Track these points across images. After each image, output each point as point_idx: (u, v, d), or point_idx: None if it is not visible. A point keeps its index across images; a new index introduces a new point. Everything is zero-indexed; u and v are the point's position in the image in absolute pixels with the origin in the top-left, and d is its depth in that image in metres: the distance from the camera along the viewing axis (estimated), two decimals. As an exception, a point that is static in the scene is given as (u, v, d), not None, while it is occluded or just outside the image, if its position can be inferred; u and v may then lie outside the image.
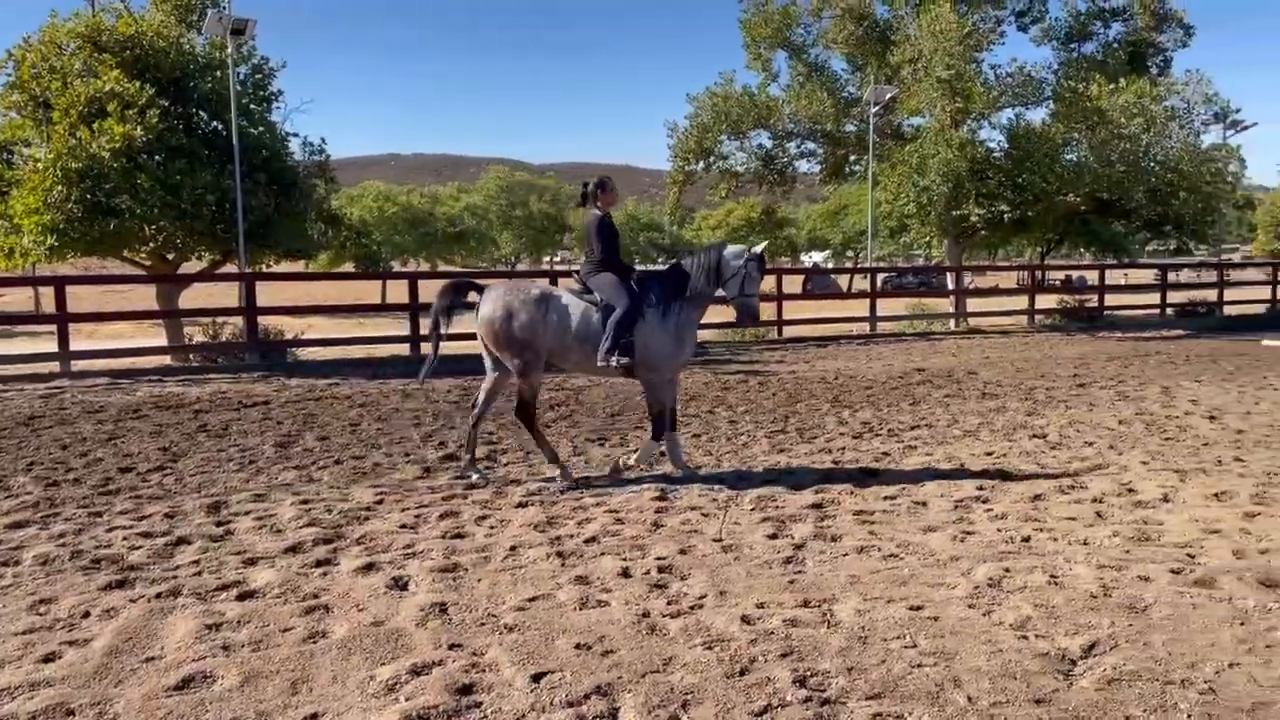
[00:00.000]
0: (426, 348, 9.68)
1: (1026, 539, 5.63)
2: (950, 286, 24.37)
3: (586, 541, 5.64)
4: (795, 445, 8.60)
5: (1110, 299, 24.57)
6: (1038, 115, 23.83)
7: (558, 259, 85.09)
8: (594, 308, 7.15)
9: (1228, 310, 26.21)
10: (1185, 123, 23.48)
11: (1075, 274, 34.47)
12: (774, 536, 5.72)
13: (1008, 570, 5.03)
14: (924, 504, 6.48)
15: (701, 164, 24.90)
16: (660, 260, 69.28)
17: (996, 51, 72.09)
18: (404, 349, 16.29)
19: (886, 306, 24.13)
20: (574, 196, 55.38)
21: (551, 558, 5.33)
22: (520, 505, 6.48)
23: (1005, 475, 7.29)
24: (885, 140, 24.35)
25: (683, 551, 5.45)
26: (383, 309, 21.86)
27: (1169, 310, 25.28)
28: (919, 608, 4.52)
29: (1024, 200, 21.85)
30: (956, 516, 6.16)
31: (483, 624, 4.38)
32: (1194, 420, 9.69)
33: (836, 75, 24.99)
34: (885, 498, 6.66)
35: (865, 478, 7.26)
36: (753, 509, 6.36)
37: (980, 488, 6.88)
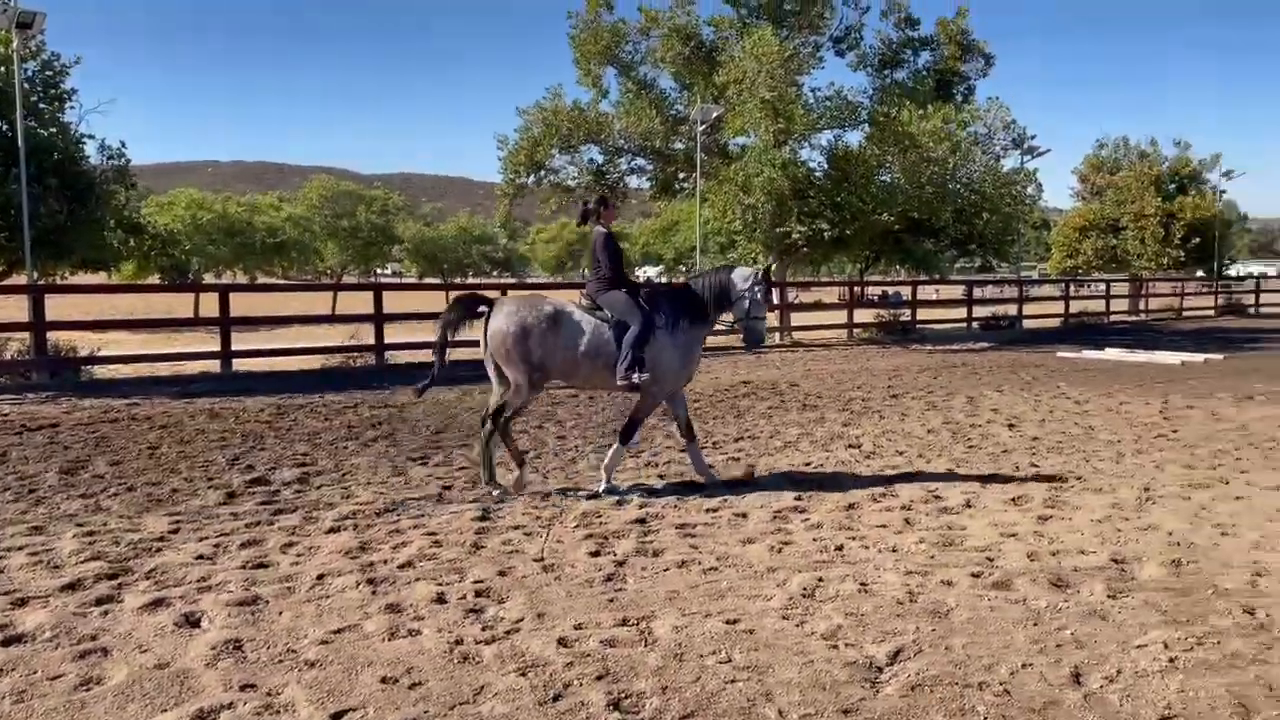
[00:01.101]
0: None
1: (840, 548, 5.77)
2: (776, 302, 25.13)
3: (401, 567, 5.40)
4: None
5: (922, 313, 25.97)
6: (855, 138, 24.97)
7: (387, 271, 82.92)
8: (605, 325, 7.20)
9: (1027, 324, 28.19)
10: (987, 148, 25.14)
11: (891, 290, 36.28)
12: (596, 554, 5.65)
13: (821, 580, 5.13)
14: (744, 515, 6.56)
15: (532, 177, 24.79)
16: (494, 273, 68.62)
17: (816, 75, 75.19)
18: (215, 365, 15.38)
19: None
20: (404, 207, 53.67)
21: (361, 586, 5.07)
22: (331, 531, 6.15)
23: (822, 485, 7.48)
24: (712, 158, 24.90)
25: (502, 573, 5.29)
26: (195, 323, 20.67)
27: (975, 324, 26.96)
28: (735, 621, 4.53)
29: (843, 219, 22.79)
30: (775, 527, 6.26)
31: (281, 661, 4.10)
32: (995, 429, 10.26)
33: (665, 93, 25.40)
34: (707, 510, 6.70)
35: (688, 491, 7.30)
36: (576, 526, 6.27)
37: (798, 498, 7.03)
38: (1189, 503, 6.83)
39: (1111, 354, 19.28)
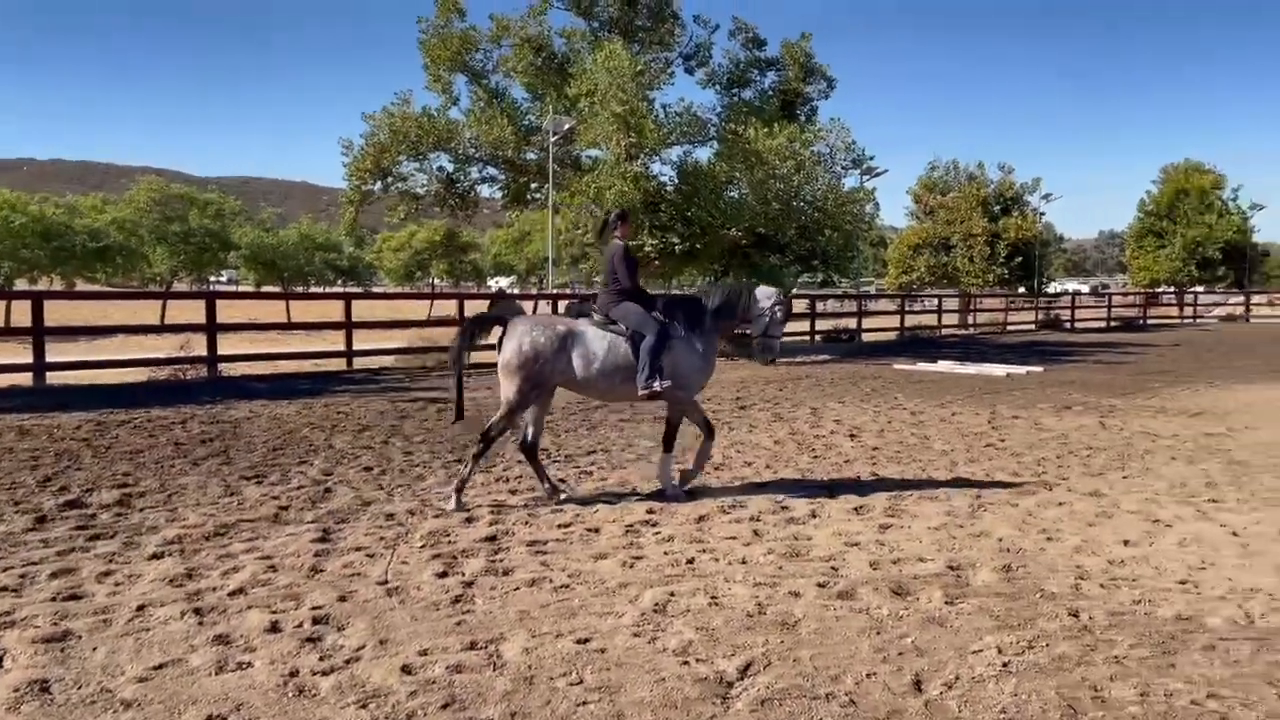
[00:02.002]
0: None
1: (691, 561, 5.78)
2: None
3: (231, 594, 5.07)
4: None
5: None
6: (704, 154, 25.41)
7: (221, 279, 79.10)
8: (621, 338, 7.33)
9: (866, 337, 29.36)
10: (829, 167, 26.03)
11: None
12: (444, 575, 5.46)
13: (673, 594, 5.11)
14: (597, 530, 6.50)
15: (379, 184, 24.10)
16: (340, 282, 66.48)
17: (667, 91, 76.40)
18: (27, 378, 14.23)
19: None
20: (240, 211, 51.32)
21: (187, 616, 4.73)
22: (154, 557, 5.74)
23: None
24: (565, 169, 24.85)
25: (343, 598, 5.04)
26: (4, 333, 19.10)
27: (818, 337, 27.87)
28: (587, 640, 4.45)
29: (693, 233, 23.14)
30: (627, 541, 6.22)
31: (93, 702, 3.76)
32: (838, 439, 10.57)
33: (517, 103, 25.17)
34: (559, 526, 6.61)
35: (540, 505, 7.18)
36: (422, 546, 6.06)
37: (650, 511, 7.02)
38: (1017, 509, 7.18)
39: (944, 366, 20.25)
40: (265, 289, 56.05)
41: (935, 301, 37.05)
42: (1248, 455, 9.61)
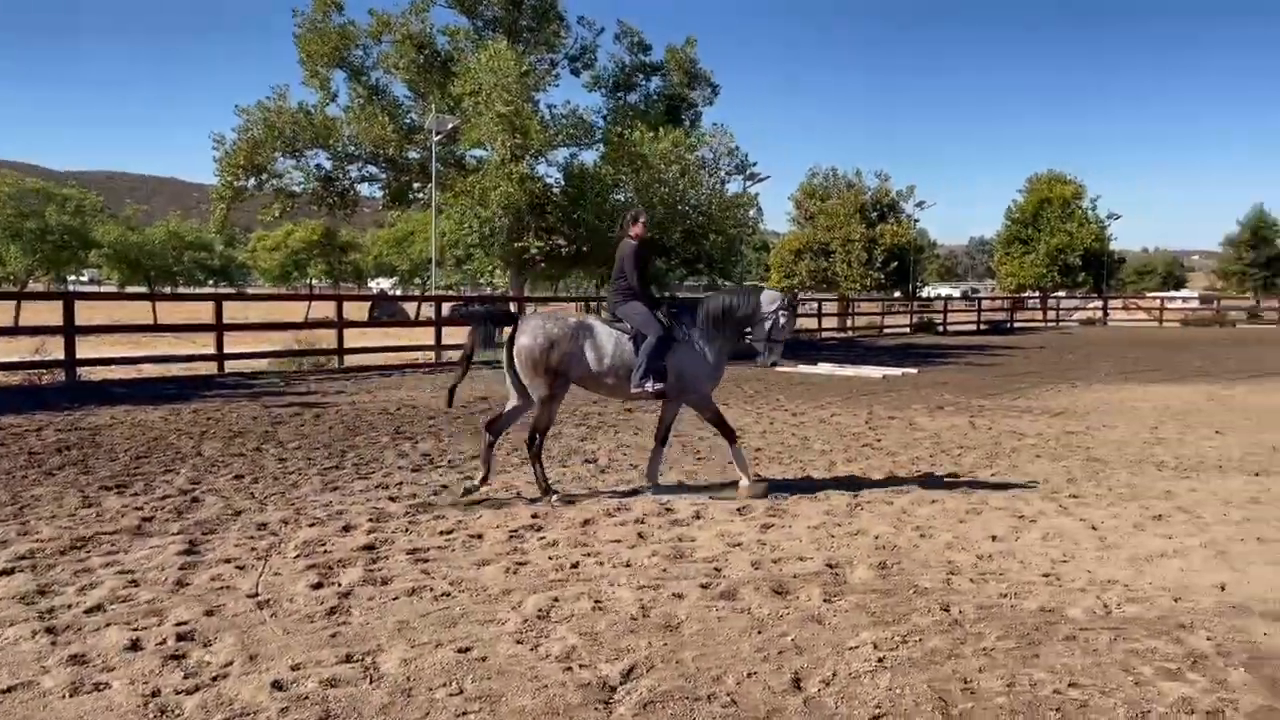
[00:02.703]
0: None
1: (575, 565, 5.74)
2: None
3: (88, 611, 4.79)
4: (350, 482, 8.14)
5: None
6: (591, 156, 25.43)
7: (82, 279, 75.08)
8: (626, 336, 7.49)
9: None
10: (713, 172, 26.40)
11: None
12: (319, 586, 5.28)
13: (557, 599, 5.07)
14: (480, 536, 6.40)
15: (253, 181, 23.27)
16: (212, 282, 63.94)
17: (552, 93, 76.23)
18: None
19: (453, 335, 24.22)
20: (103, 209, 48.66)
21: (39, 635, 4.44)
22: (3, 573, 5.37)
23: (560, 501, 7.44)
24: (449, 169, 24.51)
25: (209, 613, 4.82)
26: None
27: (703, 339, 28.16)
28: (468, 649, 4.37)
29: (579, 235, 23.14)
30: (511, 547, 6.14)
31: (-72, 734, 3.49)
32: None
33: (399, 101, 24.71)
34: (441, 533, 6.47)
35: (420, 512, 7.03)
36: (297, 556, 5.85)
37: (534, 515, 6.96)
38: (892, 507, 7.39)
39: (824, 368, 20.74)
40: (130, 289, 53.45)
41: (816, 305, 37.94)
42: (1105, 452, 10.14)
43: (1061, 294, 53.20)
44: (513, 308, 22.23)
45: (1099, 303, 52.05)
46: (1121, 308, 54.82)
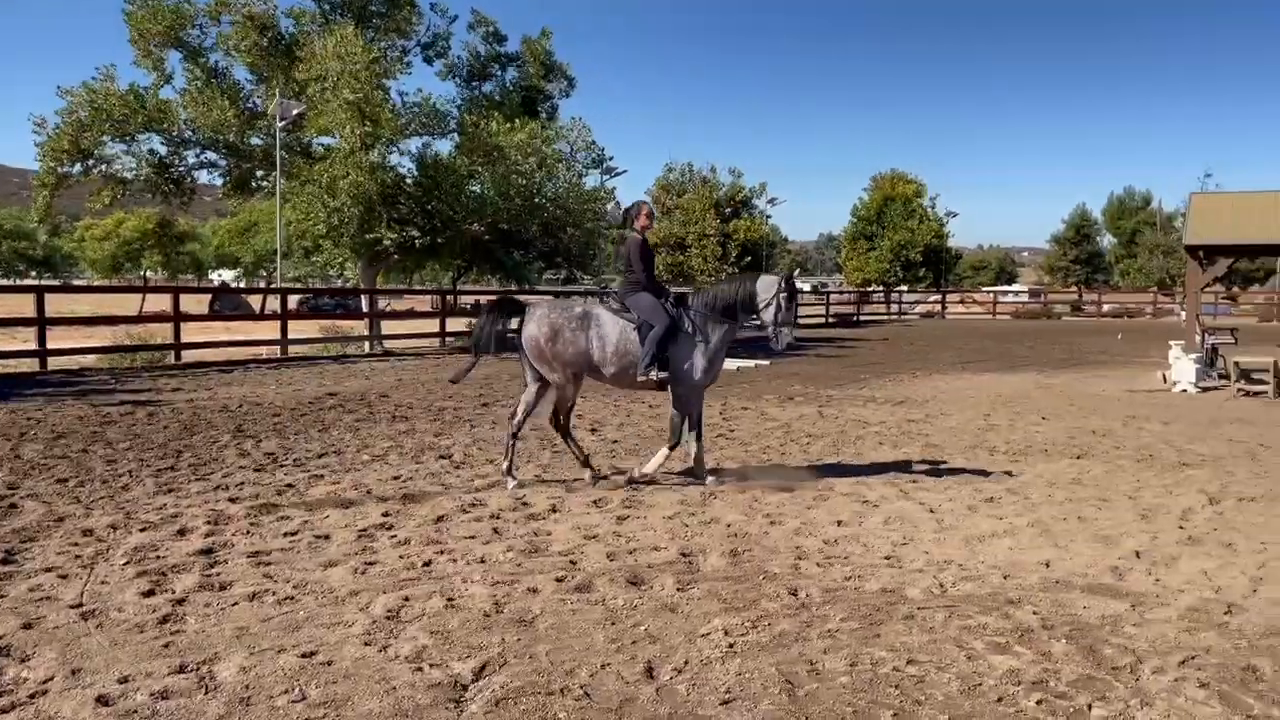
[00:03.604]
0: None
1: (428, 563, 5.62)
2: (365, 309, 24.38)
3: (-117, 631, 4.38)
4: (187, 484, 7.73)
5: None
6: (445, 146, 24.97)
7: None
8: (631, 326, 7.67)
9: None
10: (571, 164, 26.35)
11: (484, 299, 36.80)
12: (150, 593, 4.99)
13: (408, 599, 4.95)
14: (327, 537, 6.18)
15: (78, 166, 21.81)
16: (33, 273, 59.68)
17: (404, 81, 74.23)
18: None
19: (300, 329, 23.38)
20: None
21: None
22: None
23: (411, 499, 7.28)
24: (295, 157, 23.59)
25: (28, 625, 4.49)
26: None
27: (560, 333, 28.10)
28: (312, 654, 4.21)
29: (434, 227, 22.68)
30: (360, 547, 5.96)
31: None
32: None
33: (239, 84, 23.61)
34: (285, 534, 6.22)
35: (263, 513, 6.74)
36: (126, 563, 5.51)
37: (386, 514, 6.77)
38: (744, 496, 7.54)
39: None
40: (-60, 281, 49.44)
41: (672, 298, 38.36)
42: (942, 439, 10.64)
43: (904, 288, 55.58)
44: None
45: (938, 297, 54.64)
46: (959, 302, 57.73)
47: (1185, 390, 15.82)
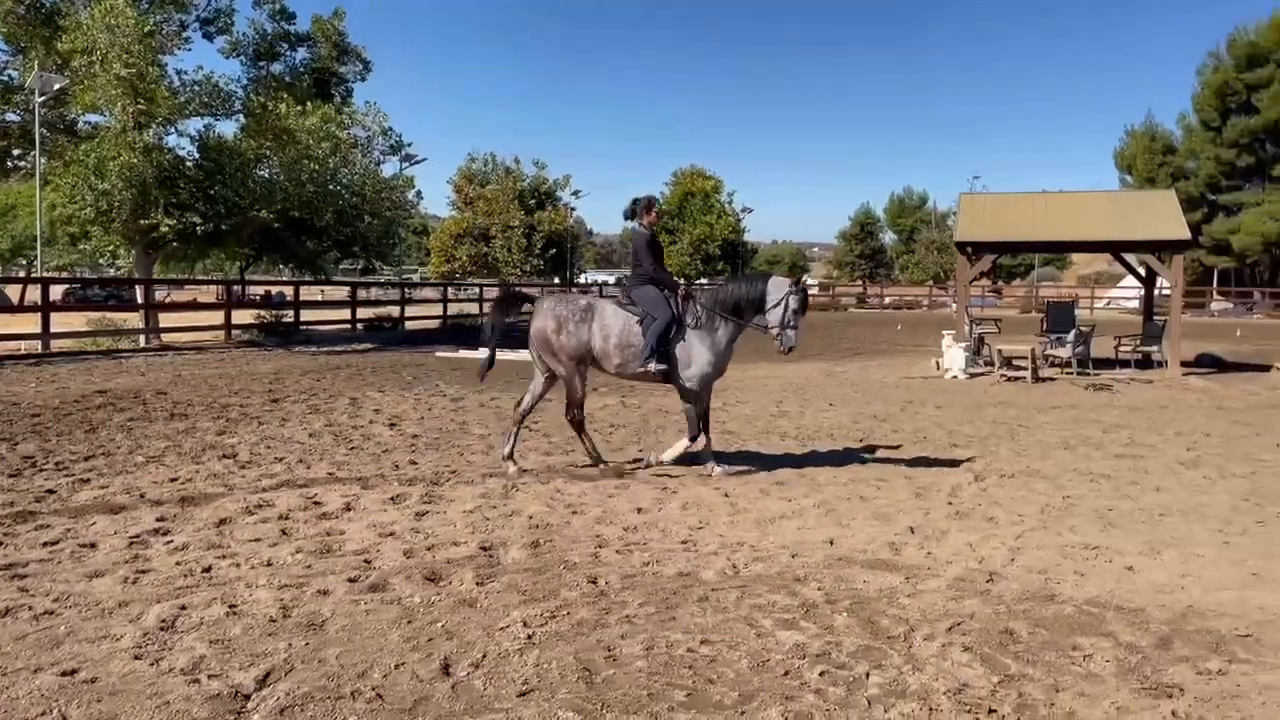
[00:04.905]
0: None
1: (208, 569, 5.29)
2: (140, 300, 22.69)
3: None
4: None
5: (306, 314, 25.49)
6: (230, 128, 23.60)
7: None
8: (634, 318, 7.79)
9: (409, 325, 29.23)
10: (367, 151, 25.50)
11: (274, 290, 35.09)
12: (-122, 617, 4.45)
13: (184, 608, 4.64)
14: (93, 545, 5.71)
15: None
16: None
17: (183, 57, 69.76)
18: None
19: (64, 322, 21.53)
20: None
21: None
22: None
23: (191, 501, 6.84)
24: (58, 135, 21.67)
25: None
26: None
27: (359, 325, 27.21)
28: (74, 671, 3.88)
29: (218, 213, 21.36)
30: (131, 555, 5.54)
31: None
32: (377, 429, 10.38)
33: (-8, 53, 21.44)
34: (45, 544, 5.70)
35: (19, 522, 6.15)
36: None
37: (161, 519, 6.33)
38: (546, 487, 7.54)
39: (485, 353, 20.76)
40: None
41: (477, 290, 37.93)
42: (737, 426, 11.03)
43: (704, 281, 57.22)
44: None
45: (736, 289, 56.55)
46: (755, 294, 59.85)
47: (956, 376, 17.08)
